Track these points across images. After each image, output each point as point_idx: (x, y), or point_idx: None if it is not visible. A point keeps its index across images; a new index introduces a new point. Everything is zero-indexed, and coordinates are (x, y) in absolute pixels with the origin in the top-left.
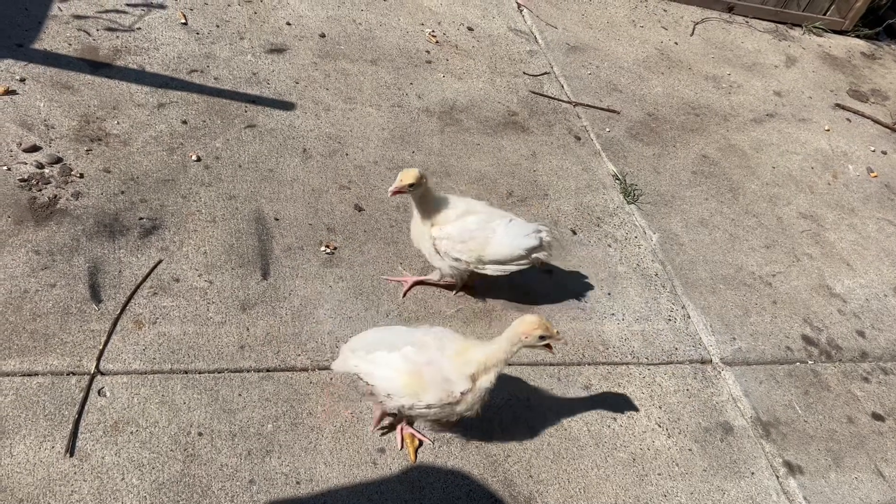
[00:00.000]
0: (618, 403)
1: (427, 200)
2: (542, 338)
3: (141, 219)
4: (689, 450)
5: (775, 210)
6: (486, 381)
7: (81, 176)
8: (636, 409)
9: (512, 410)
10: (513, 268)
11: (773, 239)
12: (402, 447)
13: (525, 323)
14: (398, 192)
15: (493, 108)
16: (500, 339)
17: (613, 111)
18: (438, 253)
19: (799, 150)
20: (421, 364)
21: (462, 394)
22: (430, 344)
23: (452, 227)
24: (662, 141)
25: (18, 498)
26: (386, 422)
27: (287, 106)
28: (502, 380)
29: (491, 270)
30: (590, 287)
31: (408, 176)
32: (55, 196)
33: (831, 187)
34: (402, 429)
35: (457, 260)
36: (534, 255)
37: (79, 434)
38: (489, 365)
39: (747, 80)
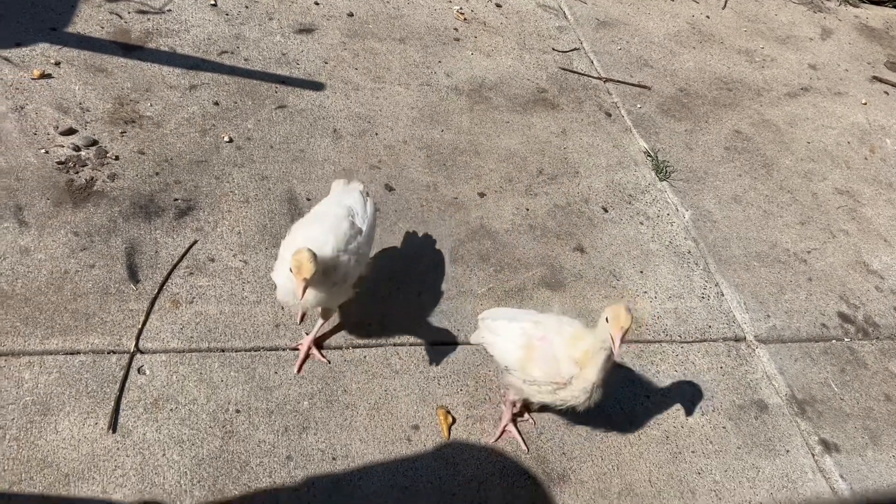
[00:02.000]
0: (651, 381)
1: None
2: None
3: (176, 200)
4: (723, 427)
5: (810, 186)
6: (593, 372)
7: (117, 158)
8: (669, 387)
9: None
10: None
11: (808, 215)
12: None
13: (615, 316)
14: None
15: (522, 85)
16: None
17: (644, 87)
18: None
19: (835, 125)
20: (535, 338)
21: (569, 378)
22: (550, 324)
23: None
24: (694, 117)
25: (64, 472)
26: (511, 429)
27: (316, 86)
28: None
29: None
30: (622, 265)
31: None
32: (92, 178)
33: (868, 162)
34: (506, 424)
35: None
36: None
37: (120, 411)
38: (592, 354)
39: (781, 53)
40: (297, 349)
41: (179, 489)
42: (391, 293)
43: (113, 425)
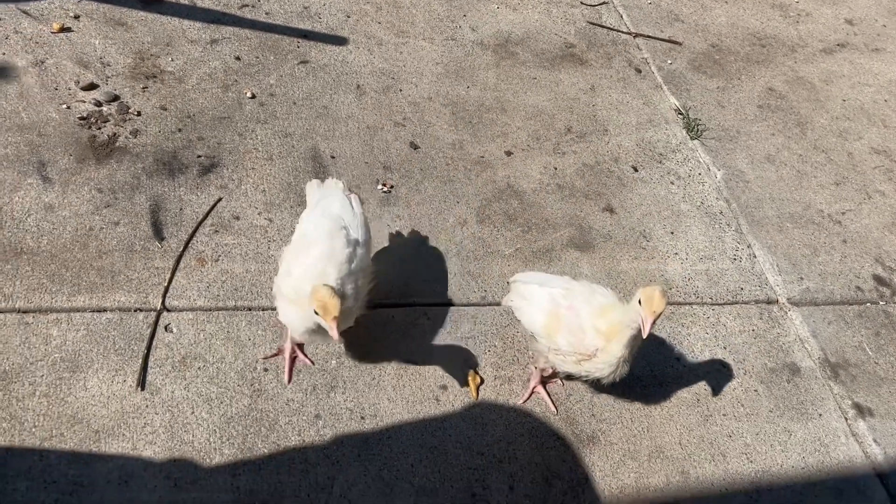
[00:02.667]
0: (681, 344)
1: None
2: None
3: (199, 157)
4: (755, 391)
5: (846, 145)
6: (618, 347)
7: (139, 114)
8: (700, 350)
9: None
10: None
11: (844, 175)
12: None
13: (648, 298)
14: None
15: (549, 40)
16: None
17: (675, 42)
18: None
19: (872, 82)
20: (563, 306)
21: (594, 351)
22: (581, 292)
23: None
24: (727, 73)
25: (94, 429)
26: (540, 391)
27: (339, 41)
28: None
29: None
30: (652, 226)
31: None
32: (114, 134)
33: None
34: (535, 385)
35: None
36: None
37: (148, 369)
38: (619, 329)
39: (816, 7)
40: (278, 354)
41: (209, 447)
42: (418, 253)
43: (141, 383)
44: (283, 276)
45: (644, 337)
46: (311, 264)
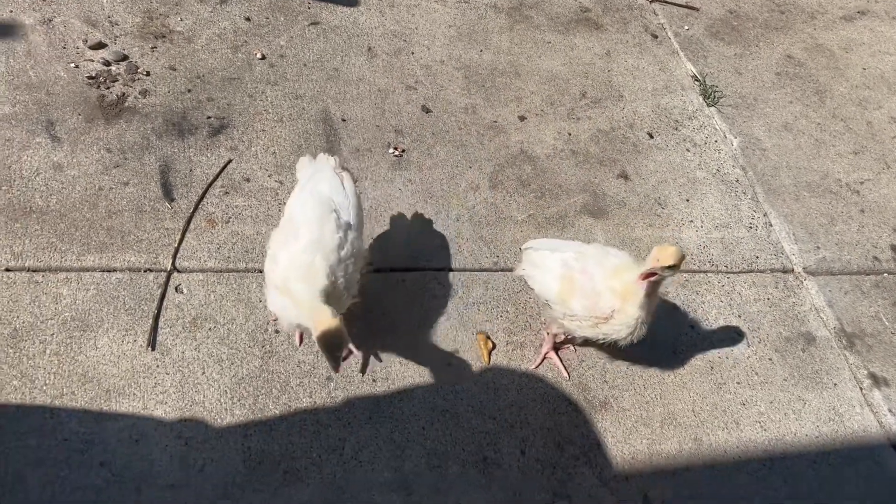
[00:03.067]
0: (695, 311)
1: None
2: (670, 267)
3: (209, 118)
4: (769, 359)
5: (865, 114)
6: (633, 307)
7: (148, 74)
8: (715, 318)
9: None
10: None
11: (862, 144)
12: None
13: (661, 249)
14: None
15: (564, 3)
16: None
17: (692, 7)
18: None
19: (892, 51)
20: (576, 270)
21: (610, 313)
22: (593, 255)
23: None
24: (744, 40)
25: (105, 388)
26: (553, 356)
27: (350, 2)
28: None
29: None
30: (667, 193)
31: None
32: (123, 94)
33: None
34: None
35: None
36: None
37: (159, 329)
38: (634, 289)
39: None
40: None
41: (220, 407)
42: (430, 218)
43: (152, 343)
44: (270, 262)
45: (638, 282)
46: (298, 252)
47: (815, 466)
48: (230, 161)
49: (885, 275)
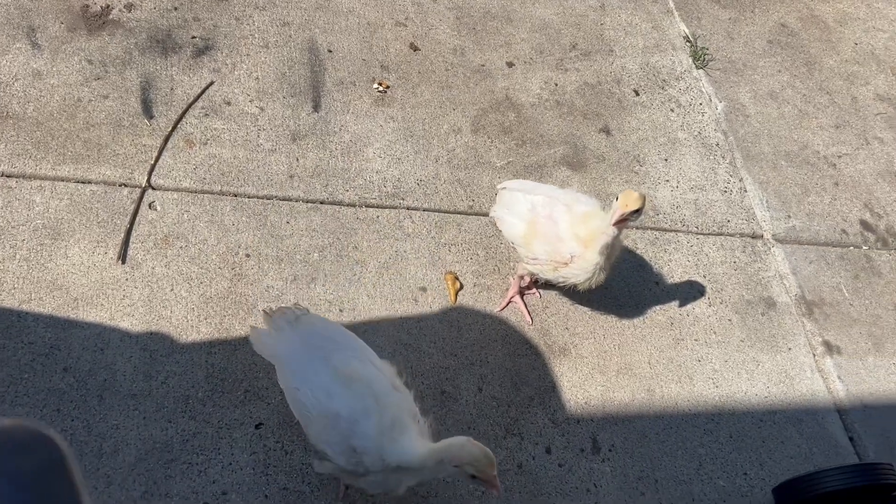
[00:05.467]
0: (662, 269)
1: None
2: (636, 211)
3: (194, 38)
4: (729, 320)
5: (851, 89)
6: (593, 253)
7: None
8: (680, 276)
9: None
10: None
11: (845, 119)
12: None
13: (626, 195)
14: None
15: None
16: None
17: None
18: None
19: (886, 28)
20: (541, 216)
21: (570, 257)
22: (564, 199)
23: None
24: (741, 4)
25: (73, 297)
26: (518, 301)
27: None
28: None
29: None
30: (647, 151)
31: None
32: (108, 6)
33: None
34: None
35: None
36: None
37: (130, 244)
38: (596, 235)
39: None
40: None
41: (186, 324)
42: (408, 155)
43: (123, 256)
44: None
45: (608, 227)
46: None
47: (762, 424)
48: (212, 83)
49: (851, 248)
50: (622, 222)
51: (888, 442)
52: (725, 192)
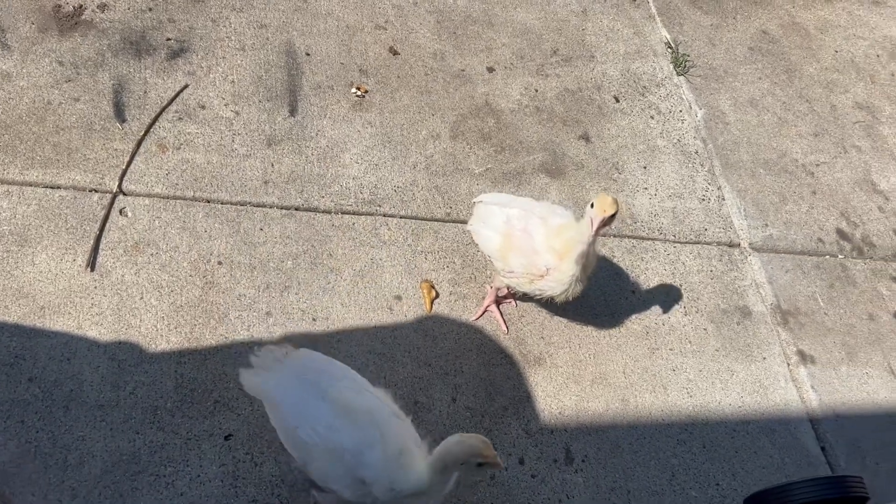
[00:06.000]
0: (638, 277)
1: None
2: (612, 216)
3: (168, 39)
4: (704, 329)
5: (830, 97)
6: (569, 265)
7: None
8: (656, 285)
9: None
10: None
11: (823, 127)
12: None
13: (601, 200)
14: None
15: None
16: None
17: None
18: None
19: (867, 36)
20: (516, 228)
21: (546, 270)
22: (538, 213)
23: None
24: (723, 10)
25: (40, 305)
26: (494, 310)
27: None
28: None
29: None
30: (626, 158)
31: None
32: (80, 6)
33: (894, 79)
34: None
35: None
36: None
37: (100, 251)
38: (572, 245)
39: None
40: None
41: (156, 333)
42: (385, 161)
43: (92, 264)
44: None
45: (588, 237)
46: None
47: (735, 434)
48: (186, 86)
49: (827, 257)
50: (603, 226)
51: (859, 451)
52: (703, 200)
